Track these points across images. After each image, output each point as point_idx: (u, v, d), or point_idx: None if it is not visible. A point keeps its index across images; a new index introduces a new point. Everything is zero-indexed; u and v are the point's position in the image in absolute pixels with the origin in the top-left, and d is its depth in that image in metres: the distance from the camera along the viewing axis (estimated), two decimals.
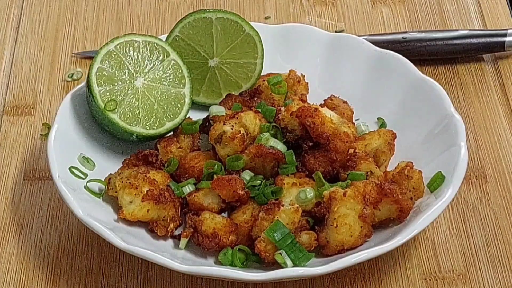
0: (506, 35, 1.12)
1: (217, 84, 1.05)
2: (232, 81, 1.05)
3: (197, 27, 1.03)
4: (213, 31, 1.03)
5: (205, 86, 1.05)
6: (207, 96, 1.05)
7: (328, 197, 0.90)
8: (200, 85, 1.05)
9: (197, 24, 1.03)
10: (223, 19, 1.03)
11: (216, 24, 1.03)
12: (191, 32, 1.03)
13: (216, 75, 1.05)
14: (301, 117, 0.94)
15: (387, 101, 1.03)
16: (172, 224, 0.93)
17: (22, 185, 1.03)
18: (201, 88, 1.05)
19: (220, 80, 1.05)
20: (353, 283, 0.94)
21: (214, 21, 1.03)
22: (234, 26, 1.04)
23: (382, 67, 1.04)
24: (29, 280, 0.95)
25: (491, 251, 0.96)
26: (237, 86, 1.05)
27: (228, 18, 1.03)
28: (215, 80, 1.05)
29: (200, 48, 1.04)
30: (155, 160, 0.97)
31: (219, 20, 1.03)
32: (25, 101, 1.12)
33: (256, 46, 1.04)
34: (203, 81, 1.05)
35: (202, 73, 1.05)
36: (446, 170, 0.92)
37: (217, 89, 1.05)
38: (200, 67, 1.05)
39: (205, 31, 1.03)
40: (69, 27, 1.21)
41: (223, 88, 1.05)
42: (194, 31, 1.03)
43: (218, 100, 1.04)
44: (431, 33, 1.14)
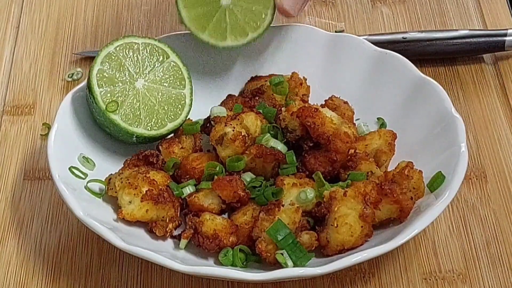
0: (506, 35, 1.12)
1: (224, 26, 1.03)
2: (240, 26, 1.03)
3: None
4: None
5: (212, 25, 1.03)
6: (211, 35, 1.03)
7: (328, 197, 0.90)
8: (207, 23, 1.03)
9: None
10: None
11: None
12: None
13: (225, 16, 1.03)
14: (302, 117, 0.94)
15: (387, 101, 1.03)
16: (171, 225, 0.93)
17: (22, 185, 1.03)
18: (207, 26, 1.03)
19: (228, 23, 1.03)
20: (353, 283, 0.94)
21: None
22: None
23: (382, 67, 1.04)
24: (29, 280, 0.95)
25: (491, 251, 0.96)
26: (244, 33, 1.03)
27: None
28: (223, 22, 1.03)
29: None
30: (156, 161, 0.97)
31: None
32: (25, 101, 1.12)
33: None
34: (210, 19, 1.03)
35: (212, 11, 1.03)
36: (446, 170, 0.92)
37: (223, 31, 1.03)
38: (211, 3, 1.03)
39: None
40: (69, 27, 1.21)
41: (230, 32, 1.03)
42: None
43: (222, 43, 1.03)
44: (431, 33, 1.14)
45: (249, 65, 1.08)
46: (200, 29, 1.02)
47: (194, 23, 1.03)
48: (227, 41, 1.02)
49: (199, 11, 1.02)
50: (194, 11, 1.02)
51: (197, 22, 1.03)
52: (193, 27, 1.03)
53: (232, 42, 1.03)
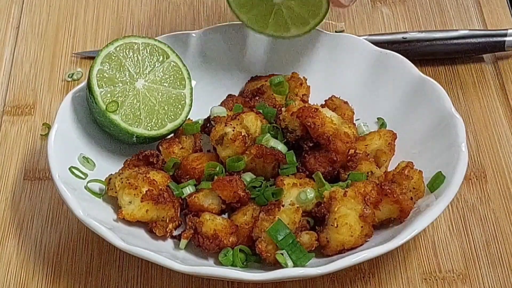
0: (506, 35, 1.12)
1: (284, 19, 1.03)
2: (299, 16, 1.02)
3: None
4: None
5: (272, 21, 1.03)
6: (275, 30, 1.04)
7: (328, 197, 0.90)
8: (266, 20, 1.03)
9: None
10: None
11: None
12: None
13: (282, 11, 1.03)
14: (302, 117, 0.94)
15: (387, 101, 1.03)
16: (171, 225, 0.93)
17: (22, 185, 1.03)
18: (268, 23, 1.03)
19: (287, 16, 1.03)
20: (353, 283, 0.94)
21: None
22: None
23: (382, 67, 1.04)
24: (29, 280, 0.95)
25: (491, 251, 0.96)
26: (305, 21, 1.02)
27: None
28: (281, 16, 1.03)
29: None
30: (156, 161, 0.97)
31: None
32: (25, 101, 1.12)
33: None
34: (268, 16, 1.03)
35: (267, 9, 1.03)
36: (446, 170, 0.92)
37: (285, 24, 1.03)
38: (264, 3, 1.03)
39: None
40: (69, 27, 1.21)
41: (291, 23, 1.03)
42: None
43: (286, 34, 1.03)
44: (431, 33, 1.14)
45: (249, 65, 1.08)
46: (262, 27, 1.03)
47: (255, 24, 1.03)
48: (291, 32, 1.03)
49: (255, 12, 1.03)
50: (251, 14, 1.03)
51: (257, 22, 1.03)
52: (255, 27, 1.04)
53: (296, 31, 1.03)
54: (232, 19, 1.22)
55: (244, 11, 1.03)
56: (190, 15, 1.23)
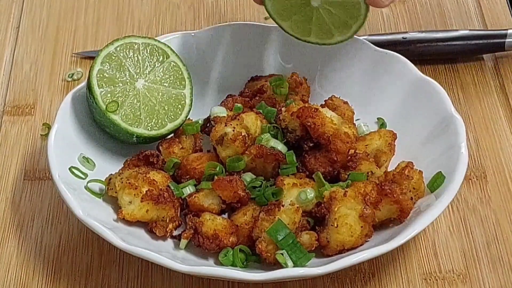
0: (506, 35, 1.12)
1: (327, 25, 1.00)
2: (340, 21, 0.99)
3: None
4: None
5: (314, 26, 1.01)
6: (318, 37, 1.01)
7: (328, 197, 0.90)
8: (308, 27, 1.01)
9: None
10: None
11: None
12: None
13: (322, 15, 1.00)
14: (302, 117, 0.94)
15: (387, 101, 1.03)
16: (171, 225, 0.93)
17: (22, 185, 1.03)
18: (311, 30, 1.01)
19: (328, 21, 1.00)
20: (353, 283, 0.94)
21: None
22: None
23: (382, 67, 1.04)
24: (29, 280, 0.95)
25: (492, 251, 0.96)
26: (347, 26, 1.00)
27: None
28: (322, 21, 1.00)
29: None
30: (156, 161, 0.97)
31: None
32: (25, 101, 1.12)
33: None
34: (310, 23, 1.00)
35: (307, 15, 1.00)
36: (446, 170, 0.92)
37: (328, 30, 1.00)
38: (304, 9, 1.00)
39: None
40: (69, 27, 1.21)
41: (333, 27, 1.00)
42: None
43: (330, 40, 1.01)
44: (431, 33, 1.14)
45: (249, 65, 1.08)
46: (305, 34, 1.01)
47: (297, 31, 1.02)
48: (335, 37, 1.01)
49: (295, 19, 1.01)
50: (291, 21, 1.01)
51: (299, 29, 1.01)
52: (298, 34, 1.02)
53: (339, 37, 1.01)
54: (232, 19, 1.22)
55: (284, 18, 1.01)
56: (190, 15, 1.23)
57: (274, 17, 1.01)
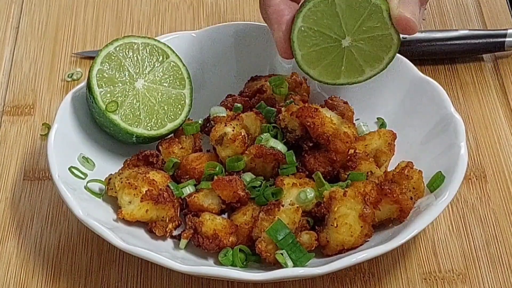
0: (506, 35, 1.12)
1: (357, 63, 0.98)
2: (371, 55, 0.97)
3: (320, 11, 0.95)
4: (338, 10, 0.95)
5: (344, 67, 0.98)
6: (348, 77, 0.99)
7: (328, 197, 0.90)
8: (338, 70, 0.98)
9: (319, 9, 0.95)
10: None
11: (338, 2, 0.95)
12: (315, 18, 0.95)
13: (352, 53, 0.98)
14: (301, 117, 0.94)
15: (387, 101, 1.03)
16: (171, 225, 0.93)
17: (22, 185, 1.03)
18: (340, 72, 0.98)
19: (358, 58, 0.97)
20: (353, 283, 0.94)
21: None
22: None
23: None
24: (29, 280, 0.95)
25: (491, 251, 0.96)
26: (378, 58, 0.97)
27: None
28: (353, 59, 0.97)
29: (329, 31, 0.96)
30: (156, 161, 0.97)
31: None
32: (25, 101, 1.12)
33: (383, 16, 0.94)
34: (340, 63, 0.98)
35: (338, 56, 0.98)
36: (446, 170, 0.92)
37: (358, 67, 0.98)
38: (335, 51, 0.97)
39: (330, 12, 0.95)
40: (69, 27, 1.21)
41: (364, 63, 0.97)
42: (317, 16, 0.95)
43: (361, 77, 0.98)
44: (431, 33, 1.14)
45: (249, 65, 1.08)
46: (335, 78, 0.98)
47: (327, 76, 0.99)
48: (366, 73, 0.98)
49: (325, 64, 0.98)
50: (321, 66, 0.98)
51: (328, 74, 0.99)
52: (328, 79, 0.99)
53: (371, 72, 0.98)
54: (232, 19, 1.22)
55: (314, 65, 0.98)
56: (190, 15, 1.23)
57: (304, 68, 0.98)
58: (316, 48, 0.97)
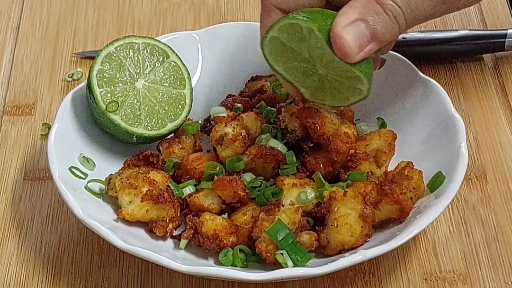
0: (506, 35, 1.12)
1: (336, 90, 0.91)
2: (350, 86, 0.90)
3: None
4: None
5: (328, 92, 0.92)
6: (333, 100, 0.93)
7: (328, 197, 0.90)
8: (323, 91, 0.92)
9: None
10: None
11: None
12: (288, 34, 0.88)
13: (329, 81, 0.91)
14: (302, 118, 0.94)
15: (387, 101, 1.03)
16: (171, 225, 0.93)
17: (22, 185, 1.03)
18: (326, 93, 0.92)
19: (337, 86, 0.91)
20: (353, 283, 0.94)
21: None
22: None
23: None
24: (29, 280, 0.95)
25: (492, 251, 0.96)
26: (356, 90, 0.90)
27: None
28: (332, 88, 0.91)
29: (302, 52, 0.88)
30: (156, 161, 0.97)
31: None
32: (25, 101, 1.12)
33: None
34: (323, 87, 0.92)
35: (319, 81, 0.91)
36: (446, 170, 0.92)
37: (341, 94, 0.92)
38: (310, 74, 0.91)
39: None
40: (69, 27, 1.21)
41: (347, 92, 0.91)
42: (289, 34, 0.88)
43: (344, 103, 0.92)
44: (431, 33, 1.14)
45: (249, 65, 1.08)
46: (320, 98, 0.93)
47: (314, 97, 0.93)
48: (349, 101, 0.92)
49: (312, 86, 0.92)
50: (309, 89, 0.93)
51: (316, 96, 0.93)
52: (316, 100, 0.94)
53: (354, 99, 0.91)
54: (232, 19, 1.22)
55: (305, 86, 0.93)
56: (190, 15, 1.23)
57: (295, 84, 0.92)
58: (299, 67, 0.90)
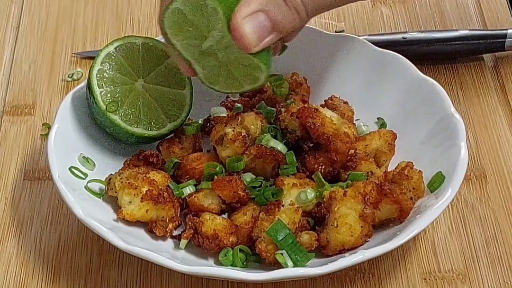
0: (506, 35, 1.12)
1: (231, 75, 0.92)
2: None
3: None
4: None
5: (223, 77, 0.92)
6: (226, 86, 0.93)
7: (328, 197, 0.90)
8: (217, 75, 0.92)
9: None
10: None
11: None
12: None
13: (225, 65, 0.91)
14: (302, 117, 0.94)
15: (387, 101, 1.03)
16: (171, 225, 0.93)
17: (22, 185, 1.03)
18: (220, 78, 0.92)
19: (233, 71, 0.92)
20: (353, 283, 0.94)
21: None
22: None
23: (382, 67, 1.04)
24: (29, 280, 0.95)
25: (491, 251, 0.96)
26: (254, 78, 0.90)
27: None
28: (227, 72, 0.92)
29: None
30: (156, 161, 0.97)
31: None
32: (25, 101, 1.12)
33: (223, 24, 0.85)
34: (218, 71, 0.92)
35: (216, 64, 0.91)
36: (446, 170, 0.92)
37: (236, 80, 0.92)
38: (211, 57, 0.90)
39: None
40: (69, 27, 1.21)
41: (242, 78, 0.91)
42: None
43: (238, 90, 0.93)
44: (431, 33, 1.14)
45: None
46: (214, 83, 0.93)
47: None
48: (243, 88, 0.93)
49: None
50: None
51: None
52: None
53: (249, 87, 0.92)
54: None
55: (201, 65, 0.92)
56: None
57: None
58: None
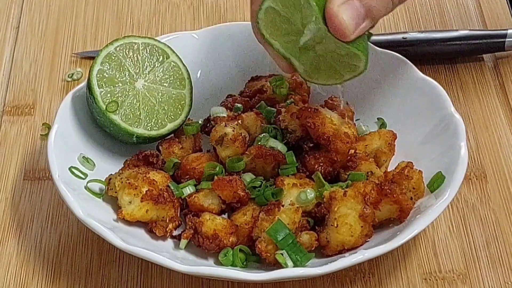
0: (506, 36, 1.12)
1: (331, 67, 0.90)
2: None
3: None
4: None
5: (322, 69, 0.91)
6: (327, 78, 0.92)
7: (328, 197, 0.90)
8: (317, 69, 0.91)
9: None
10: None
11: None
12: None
13: (323, 57, 0.90)
14: (302, 118, 0.94)
15: (387, 101, 1.03)
16: (171, 225, 0.93)
17: (22, 185, 1.03)
18: (319, 71, 0.91)
19: (332, 62, 0.90)
20: (353, 283, 0.94)
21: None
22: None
23: (382, 67, 1.04)
24: (29, 280, 0.95)
25: (491, 251, 0.96)
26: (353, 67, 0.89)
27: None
28: (327, 64, 0.90)
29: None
30: (156, 161, 0.97)
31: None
32: (25, 101, 1.12)
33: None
34: (317, 64, 0.90)
35: (315, 57, 0.90)
36: (446, 170, 0.92)
37: (336, 71, 0.90)
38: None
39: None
40: (69, 27, 1.21)
41: (342, 68, 0.89)
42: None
43: (339, 80, 0.91)
44: (431, 33, 1.14)
45: (249, 65, 1.08)
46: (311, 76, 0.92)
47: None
48: (344, 77, 0.91)
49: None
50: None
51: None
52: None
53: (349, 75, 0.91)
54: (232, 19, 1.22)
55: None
56: (190, 15, 1.23)
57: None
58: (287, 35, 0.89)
